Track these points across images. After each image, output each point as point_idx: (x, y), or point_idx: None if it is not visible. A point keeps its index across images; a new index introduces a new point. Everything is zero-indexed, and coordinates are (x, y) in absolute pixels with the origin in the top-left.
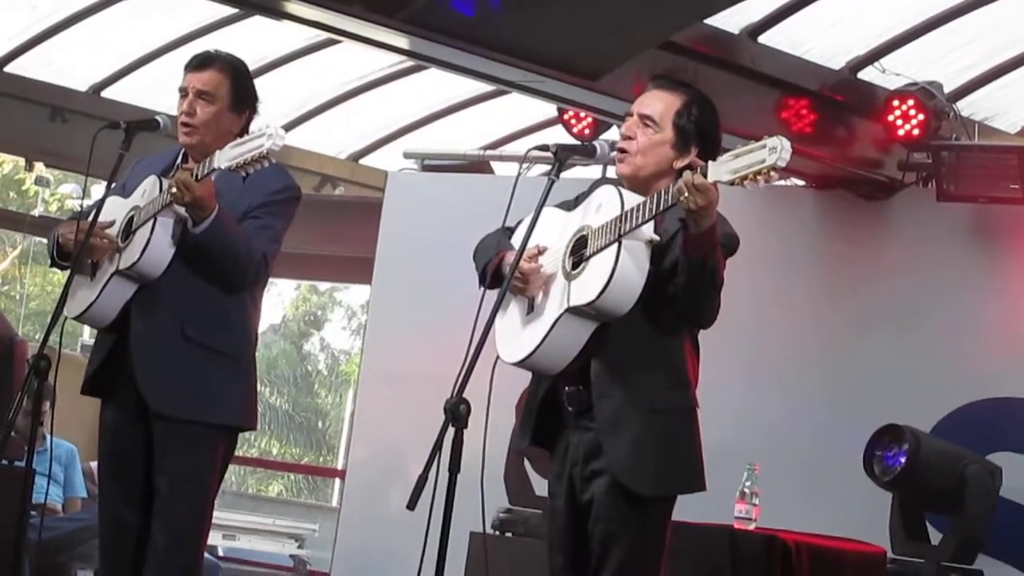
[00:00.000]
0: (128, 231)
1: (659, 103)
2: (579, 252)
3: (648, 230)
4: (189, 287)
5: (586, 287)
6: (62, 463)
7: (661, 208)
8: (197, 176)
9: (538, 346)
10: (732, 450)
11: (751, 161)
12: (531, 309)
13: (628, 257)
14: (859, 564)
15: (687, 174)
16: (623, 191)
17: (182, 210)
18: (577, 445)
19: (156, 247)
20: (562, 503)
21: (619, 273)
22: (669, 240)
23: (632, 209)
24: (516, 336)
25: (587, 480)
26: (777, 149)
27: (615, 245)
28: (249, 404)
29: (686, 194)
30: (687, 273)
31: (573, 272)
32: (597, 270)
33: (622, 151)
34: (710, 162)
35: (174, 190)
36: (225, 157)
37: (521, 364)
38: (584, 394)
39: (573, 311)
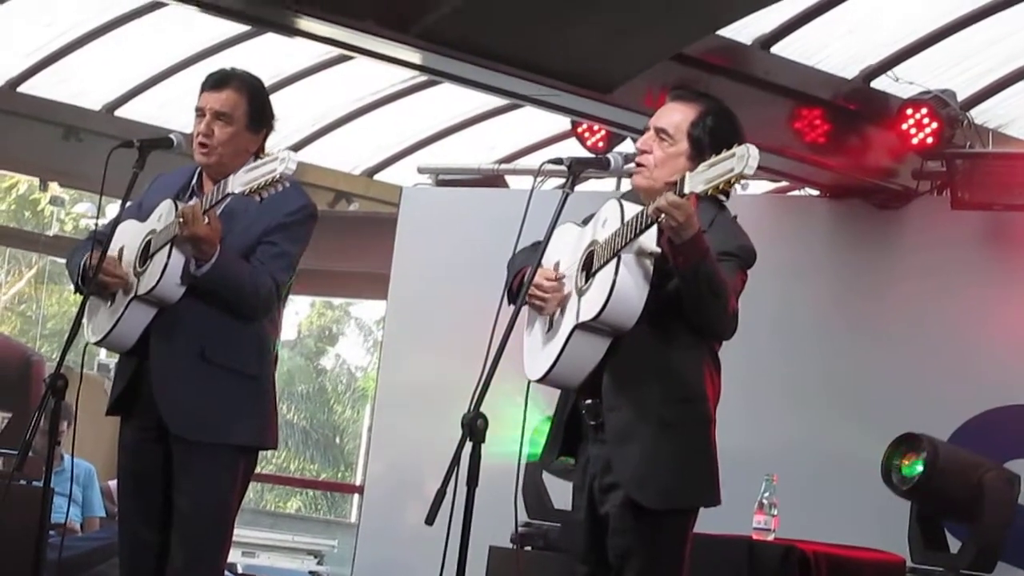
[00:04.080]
0: (146, 256)
1: (675, 115)
2: (589, 267)
3: (649, 243)
4: (207, 310)
5: (591, 302)
6: (80, 483)
7: (646, 224)
8: (208, 205)
9: (554, 363)
10: (749, 460)
11: (722, 170)
12: (550, 327)
13: (626, 271)
14: (878, 573)
15: (662, 197)
16: (624, 204)
17: (188, 248)
18: (596, 457)
19: (174, 272)
20: (583, 516)
21: (619, 287)
22: None
23: (628, 223)
24: (538, 354)
25: (604, 492)
26: (745, 157)
27: (615, 260)
28: (269, 423)
29: (663, 216)
30: (683, 286)
31: (584, 288)
32: (600, 285)
33: (640, 165)
34: (687, 173)
35: (180, 221)
36: (239, 182)
37: (543, 381)
38: (600, 407)
39: (583, 327)
